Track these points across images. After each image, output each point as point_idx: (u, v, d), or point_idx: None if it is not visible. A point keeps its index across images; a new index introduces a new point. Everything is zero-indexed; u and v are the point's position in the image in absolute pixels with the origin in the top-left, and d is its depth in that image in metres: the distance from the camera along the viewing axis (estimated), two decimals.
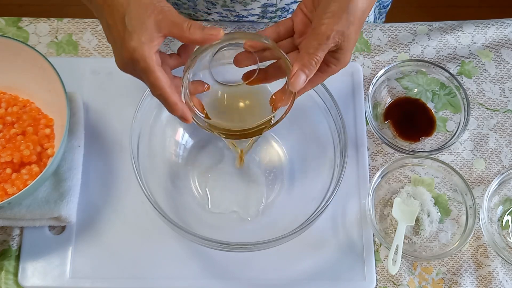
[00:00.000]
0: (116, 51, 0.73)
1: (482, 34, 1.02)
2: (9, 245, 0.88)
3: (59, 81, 0.85)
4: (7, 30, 0.99)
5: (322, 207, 0.81)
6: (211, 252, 0.84)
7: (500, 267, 0.90)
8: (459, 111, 0.95)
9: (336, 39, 0.72)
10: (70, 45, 0.99)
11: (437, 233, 0.91)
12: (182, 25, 0.71)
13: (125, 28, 0.71)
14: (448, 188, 0.92)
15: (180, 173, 0.91)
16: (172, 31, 0.71)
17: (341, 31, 0.72)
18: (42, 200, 0.86)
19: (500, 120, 0.98)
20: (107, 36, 0.74)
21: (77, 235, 0.89)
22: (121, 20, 0.71)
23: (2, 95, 0.91)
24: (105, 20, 0.73)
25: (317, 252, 0.89)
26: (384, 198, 0.93)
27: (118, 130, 0.94)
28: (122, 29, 0.71)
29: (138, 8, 0.71)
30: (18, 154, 0.86)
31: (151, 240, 0.89)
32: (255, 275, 0.88)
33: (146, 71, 0.71)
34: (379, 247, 0.90)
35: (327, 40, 0.72)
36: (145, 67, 0.71)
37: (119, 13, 0.71)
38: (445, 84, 0.97)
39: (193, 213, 0.89)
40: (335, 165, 0.86)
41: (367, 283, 0.88)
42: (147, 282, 0.87)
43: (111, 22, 0.72)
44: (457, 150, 0.96)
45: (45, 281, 0.86)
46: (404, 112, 0.97)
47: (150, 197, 0.81)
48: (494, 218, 0.92)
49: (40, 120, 0.89)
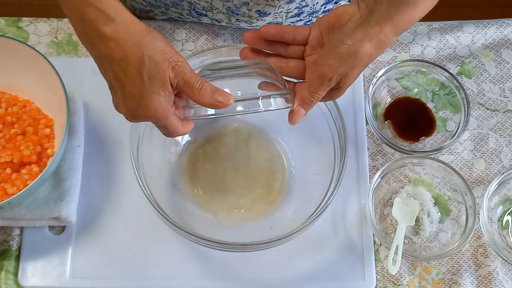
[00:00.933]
0: (127, 103, 0.72)
1: (482, 34, 1.02)
2: (9, 245, 0.88)
3: (59, 81, 0.85)
4: (7, 30, 0.99)
5: (322, 207, 0.81)
6: (211, 252, 0.84)
7: (500, 267, 0.90)
8: (459, 111, 0.95)
9: (338, 80, 0.75)
10: (70, 45, 0.99)
11: (437, 233, 0.91)
12: (193, 86, 0.72)
13: (143, 86, 0.70)
14: (448, 188, 0.92)
15: (180, 173, 0.91)
16: (183, 89, 0.72)
17: (345, 73, 0.74)
18: (42, 200, 0.86)
19: (500, 120, 0.98)
20: (113, 86, 0.73)
21: (77, 235, 0.89)
22: (136, 77, 0.70)
23: (2, 95, 0.91)
24: (112, 73, 0.71)
25: (317, 252, 0.89)
26: (384, 198, 0.93)
27: (118, 130, 0.94)
28: (139, 86, 0.70)
29: (154, 65, 0.70)
30: (18, 154, 0.86)
31: (151, 240, 0.89)
32: (255, 275, 0.88)
33: (166, 127, 0.74)
34: (379, 247, 0.90)
35: (329, 81, 0.74)
36: (166, 124, 0.73)
37: (134, 69, 0.70)
38: (445, 84, 0.97)
39: (193, 213, 0.89)
40: (335, 165, 0.86)
41: (367, 283, 0.88)
42: (147, 282, 0.87)
43: (122, 76, 0.71)
44: (457, 150, 0.96)
45: (45, 281, 0.86)
46: (404, 112, 0.97)
47: (150, 197, 0.81)
48: (494, 218, 0.92)
49: (40, 120, 0.89)
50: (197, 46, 1.00)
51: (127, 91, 0.71)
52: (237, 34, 1.01)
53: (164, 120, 0.73)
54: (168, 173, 0.91)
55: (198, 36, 1.00)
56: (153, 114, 0.72)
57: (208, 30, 1.00)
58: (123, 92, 0.72)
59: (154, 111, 0.71)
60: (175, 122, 0.74)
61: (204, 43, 1.00)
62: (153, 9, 1.00)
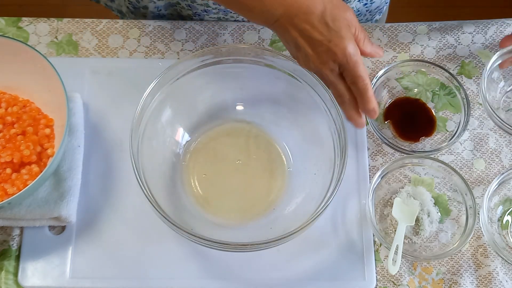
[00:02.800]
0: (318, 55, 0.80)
1: (482, 34, 1.02)
2: (9, 245, 0.88)
3: (59, 81, 0.85)
4: (7, 30, 0.99)
5: (322, 207, 0.81)
6: (211, 252, 0.84)
7: (500, 267, 0.90)
8: (459, 111, 0.95)
9: None
10: (70, 45, 0.99)
11: (437, 233, 0.91)
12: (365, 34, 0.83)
13: (329, 29, 0.78)
14: (448, 188, 0.92)
15: (180, 173, 0.91)
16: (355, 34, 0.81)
17: None
18: (42, 200, 0.86)
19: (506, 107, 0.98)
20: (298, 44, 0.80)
21: (77, 235, 0.89)
22: (321, 23, 0.78)
23: (2, 95, 0.91)
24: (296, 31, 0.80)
25: (317, 252, 0.89)
26: (384, 198, 0.93)
27: (118, 130, 0.94)
28: (326, 30, 0.78)
29: (336, 8, 0.79)
30: (18, 154, 0.86)
31: (151, 240, 0.89)
32: (255, 275, 0.88)
33: (355, 65, 0.79)
34: (379, 247, 0.90)
35: None
36: (355, 61, 0.79)
37: (317, 17, 0.78)
38: (445, 84, 0.96)
39: (193, 213, 0.89)
40: (335, 165, 0.86)
41: (367, 283, 0.88)
42: (147, 282, 0.87)
43: (308, 27, 0.79)
44: (457, 150, 0.96)
45: (45, 281, 0.86)
46: (404, 112, 0.97)
47: (150, 197, 0.81)
48: (494, 218, 0.92)
49: (40, 120, 0.89)
50: (197, 46, 1.00)
51: (315, 40, 0.79)
52: (237, 34, 1.01)
53: (354, 59, 0.79)
54: (168, 173, 0.91)
55: (198, 36, 1.00)
56: (344, 52, 0.78)
57: (208, 30, 1.01)
58: (310, 42, 0.79)
59: (344, 49, 0.78)
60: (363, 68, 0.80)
61: (204, 43, 1.00)
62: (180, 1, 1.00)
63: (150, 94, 0.86)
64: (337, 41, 0.79)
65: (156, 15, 1.04)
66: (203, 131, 0.94)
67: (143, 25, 1.00)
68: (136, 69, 0.97)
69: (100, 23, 1.00)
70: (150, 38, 1.00)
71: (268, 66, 0.90)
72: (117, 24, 1.00)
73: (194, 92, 0.93)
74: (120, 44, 0.99)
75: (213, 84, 0.93)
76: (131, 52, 0.99)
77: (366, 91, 0.81)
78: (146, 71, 0.90)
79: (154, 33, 1.00)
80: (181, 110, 0.92)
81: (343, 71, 0.81)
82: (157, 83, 0.86)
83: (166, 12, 1.04)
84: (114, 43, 0.99)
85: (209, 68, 0.90)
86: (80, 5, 1.98)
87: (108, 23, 1.00)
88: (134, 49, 0.99)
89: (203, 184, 0.91)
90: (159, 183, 0.88)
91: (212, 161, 0.93)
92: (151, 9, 1.03)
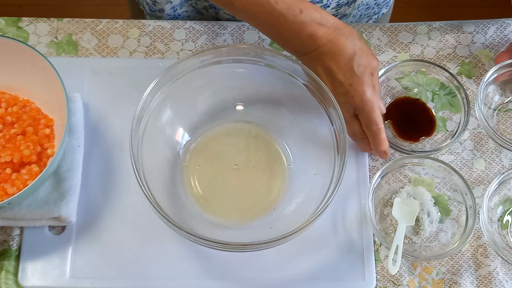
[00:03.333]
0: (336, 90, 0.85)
1: (482, 34, 1.03)
2: (9, 245, 0.88)
3: (59, 81, 0.85)
4: (7, 30, 0.99)
5: (322, 207, 0.81)
6: (211, 252, 0.84)
7: (500, 267, 0.90)
8: (459, 111, 0.95)
9: None
10: (70, 45, 0.99)
11: (437, 233, 0.91)
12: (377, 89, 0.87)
13: (353, 73, 0.83)
14: (448, 188, 0.92)
15: (180, 173, 0.91)
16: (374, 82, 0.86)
17: None
18: (42, 200, 0.86)
19: (500, 119, 0.98)
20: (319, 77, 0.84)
21: (77, 235, 0.89)
22: (347, 66, 0.83)
23: (2, 95, 0.91)
24: (323, 67, 0.85)
25: (317, 252, 0.89)
26: (384, 198, 0.93)
27: (118, 130, 0.94)
28: (349, 74, 0.83)
29: (365, 56, 0.84)
30: (18, 154, 0.86)
31: (151, 240, 0.89)
32: (255, 275, 0.88)
33: (371, 110, 0.84)
34: (379, 247, 0.90)
35: None
36: (371, 107, 0.84)
37: (345, 60, 0.83)
38: (445, 84, 0.96)
39: (193, 213, 0.89)
40: (335, 165, 0.86)
41: (367, 283, 0.88)
42: (147, 282, 0.87)
43: (334, 67, 0.84)
44: (457, 150, 0.96)
45: (45, 281, 0.86)
46: (404, 112, 0.97)
47: (150, 197, 0.81)
48: (494, 218, 0.92)
49: (40, 120, 0.89)
50: (197, 46, 1.00)
51: (337, 80, 0.84)
52: (237, 34, 1.01)
53: (370, 105, 0.84)
54: (168, 173, 0.91)
55: (198, 36, 1.00)
56: (361, 98, 0.84)
57: (208, 30, 1.01)
58: (332, 81, 0.84)
59: (362, 94, 0.83)
60: (379, 113, 0.85)
61: (204, 43, 1.00)
62: None
63: (150, 94, 0.86)
64: (357, 86, 0.83)
65: (172, 17, 1.05)
66: (203, 131, 0.94)
67: (143, 25, 1.00)
68: (136, 69, 0.97)
69: (100, 23, 1.00)
70: (150, 38, 1.00)
71: (268, 66, 0.90)
72: (117, 24, 1.00)
73: (194, 92, 0.93)
74: (120, 44, 0.99)
75: (213, 84, 0.93)
76: (131, 52, 0.99)
77: (379, 135, 0.86)
78: (146, 71, 0.90)
79: (154, 33, 1.00)
80: (181, 110, 0.92)
81: (358, 113, 0.86)
82: (157, 83, 0.86)
83: (182, 11, 1.04)
84: (114, 43, 0.99)
85: (209, 68, 0.90)
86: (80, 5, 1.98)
87: (108, 23, 1.00)
88: (134, 49, 0.99)
89: (203, 184, 0.91)
90: (159, 183, 0.88)
91: (212, 161, 0.93)
92: (167, 12, 1.03)
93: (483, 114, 0.93)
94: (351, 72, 0.83)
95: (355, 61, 0.83)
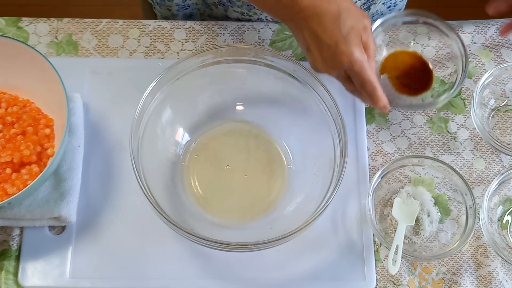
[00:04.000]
0: (324, 60, 0.81)
1: (482, 34, 1.02)
2: (9, 245, 0.88)
3: (59, 81, 0.85)
4: (7, 30, 0.99)
5: (322, 207, 0.81)
6: (211, 252, 0.84)
7: (500, 267, 0.90)
8: (460, 112, 0.95)
9: None
10: (70, 45, 0.99)
11: (437, 233, 0.91)
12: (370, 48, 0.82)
13: (339, 34, 0.79)
14: (448, 188, 0.92)
15: (180, 173, 0.91)
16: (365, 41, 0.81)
17: None
18: (42, 200, 0.86)
19: (500, 119, 0.97)
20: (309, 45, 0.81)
21: (77, 235, 0.89)
22: (332, 28, 0.79)
23: (2, 95, 0.91)
24: (309, 31, 0.81)
25: (317, 252, 0.89)
26: (384, 198, 0.93)
27: (118, 130, 0.94)
28: (335, 36, 0.79)
29: (350, 15, 0.80)
30: (18, 154, 0.86)
31: (151, 240, 0.89)
32: (255, 275, 0.88)
33: (361, 71, 0.80)
34: (379, 247, 0.90)
35: None
36: (361, 67, 0.80)
37: (330, 21, 0.80)
38: (444, 81, 0.96)
39: (193, 213, 0.89)
40: (335, 165, 0.86)
41: (367, 283, 0.88)
42: (147, 282, 0.87)
43: (319, 30, 0.80)
44: (457, 150, 0.96)
45: (45, 281, 0.86)
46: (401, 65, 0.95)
47: (150, 197, 0.81)
48: (494, 218, 0.92)
49: (40, 120, 0.89)
50: (197, 46, 1.00)
51: (323, 43, 0.80)
52: (237, 34, 1.01)
53: (359, 65, 0.79)
54: (168, 173, 0.91)
55: (198, 36, 1.00)
56: (349, 59, 0.79)
57: (208, 30, 1.01)
58: (319, 45, 0.81)
59: (349, 55, 0.79)
60: (370, 72, 0.80)
61: (204, 43, 1.00)
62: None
63: (150, 94, 0.86)
64: (344, 47, 0.79)
65: (181, 7, 1.04)
66: (203, 131, 0.94)
67: (143, 25, 1.00)
68: (136, 69, 0.97)
69: (100, 23, 1.00)
70: (150, 38, 1.00)
71: (268, 66, 0.90)
72: (117, 24, 1.00)
73: (194, 92, 0.93)
74: (120, 44, 0.99)
75: (213, 84, 0.93)
76: (131, 52, 0.99)
77: (374, 93, 0.82)
78: (146, 71, 0.91)
79: (154, 33, 1.00)
80: (181, 110, 0.92)
81: (350, 75, 0.82)
82: (157, 83, 0.86)
83: (191, 2, 1.04)
84: (114, 43, 0.99)
85: (209, 68, 0.90)
86: (80, 5, 1.98)
87: (108, 23, 1.00)
88: (134, 49, 0.99)
89: (203, 184, 0.91)
90: (159, 183, 0.88)
91: (212, 161, 0.93)
92: (177, 1, 1.03)
93: (478, 118, 0.92)
94: (336, 33, 0.80)
95: (341, 21, 0.79)
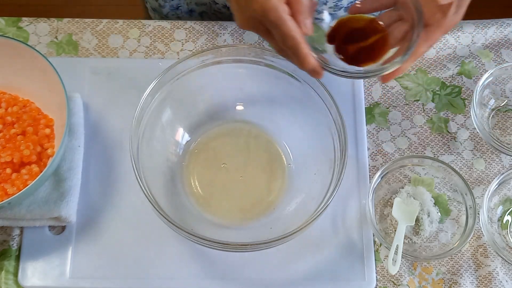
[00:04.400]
0: (240, 9, 0.72)
1: (482, 34, 1.02)
2: (9, 245, 0.88)
3: (59, 81, 0.85)
4: (7, 30, 0.99)
5: (322, 207, 0.81)
6: (211, 252, 0.84)
7: (500, 267, 0.90)
8: (461, 112, 0.95)
9: None
10: (70, 45, 0.99)
11: (437, 233, 0.91)
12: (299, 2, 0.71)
13: None
14: (448, 188, 0.92)
15: (180, 173, 0.91)
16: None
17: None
18: (42, 200, 0.86)
19: (500, 119, 0.98)
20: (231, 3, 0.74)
21: (77, 235, 0.89)
22: None
23: (2, 95, 0.91)
24: None
25: (317, 252, 0.89)
26: (384, 198, 0.93)
27: (118, 130, 0.94)
28: None
29: None
30: (18, 154, 0.86)
31: (151, 240, 0.89)
32: (255, 275, 0.88)
33: (278, 21, 0.70)
34: (379, 247, 0.90)
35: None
36: (277, 17, 0.69)
37: None
38: (446, 83, 0.96)
39: (193, 213, 0.89)
40: (335, 165, 0.86)
41: (367, 283, 0.88)
42: (147, 282, 0.87)
43: None
44: (457, 150, 0.96)
45: (45, 281, 0.86)
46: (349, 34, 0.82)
47: (150, 197, 0.81)
48: (494, 218, 0.92)
49: (40, 120, 0.89)
50: (197, 46, 1.00)
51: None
52: (237, 34, 1.01)
53: (274, 14, 0.69)
54: (168, 173, 0.91)
55: (198, 36, 1.00)
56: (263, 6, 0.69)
57: (208, 30, 1.01)
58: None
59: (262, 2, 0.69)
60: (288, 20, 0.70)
61: (204, 43, 1.00)
62: None
63: (150, 94, 0.86)
64: None
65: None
66: (203, 131, 0.94)
67: (143, 25, 1.00)
68: (136, 69, 0.97)
69: (100, 23, 1.00)
70: (150, 38, 1.00)
71: (268, 66, 0.90)
72: (117, 24, 1.00)
73: (194, 92, 0.93)
74: (120, 44, 0.99)
75: (213, 84, 0.93)
76: (131, 52, 0.99)
77: (296, 50, 0.72)
78: (146, 71, 0.91)
79: (154, 33, 1.00)
80: (181, 110, 0.92)
81: (268, 27, 0.73)
82: (157, 83, 0.86)
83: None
84: (114, 43, 0.99)
85: (209, 68, 0.90)
86: (80, 5, 1.98)
87: (108, 23, 1.00)
88: (134, 49, 0.99)
89: (203, 184, 0.91)
90: (159, 183, 0.88)
91: (212, 161, 0.93)
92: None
93: (478, 117, 0.92)
94: None
95: None
